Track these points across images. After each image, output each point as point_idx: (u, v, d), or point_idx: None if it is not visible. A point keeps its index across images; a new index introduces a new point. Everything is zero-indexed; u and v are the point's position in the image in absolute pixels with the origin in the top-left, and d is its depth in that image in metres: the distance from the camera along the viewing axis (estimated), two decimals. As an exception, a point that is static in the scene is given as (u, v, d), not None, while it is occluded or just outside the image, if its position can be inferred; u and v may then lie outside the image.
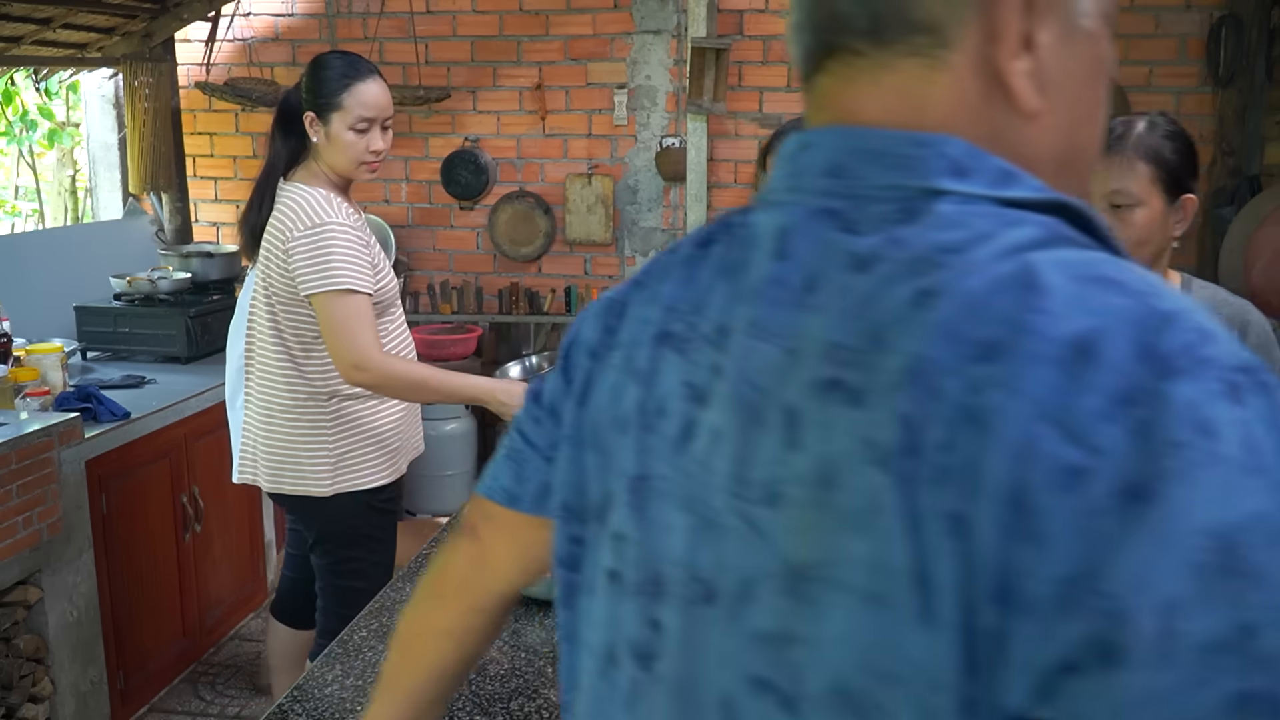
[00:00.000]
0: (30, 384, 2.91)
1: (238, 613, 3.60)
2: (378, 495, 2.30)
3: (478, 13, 4.78)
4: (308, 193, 2.18)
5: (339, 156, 2.19)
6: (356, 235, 2.17)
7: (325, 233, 2.13)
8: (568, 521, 0.73)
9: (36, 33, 3.96)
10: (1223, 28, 4.19)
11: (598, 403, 0.71)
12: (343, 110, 2.15)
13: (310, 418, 2.24)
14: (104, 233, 4.44)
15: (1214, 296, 1.71)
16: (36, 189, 6.21)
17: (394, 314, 2.34)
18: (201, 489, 3.31)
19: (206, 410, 3.32)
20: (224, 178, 5.17)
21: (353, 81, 2.15)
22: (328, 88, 2.16)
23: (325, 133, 2.17)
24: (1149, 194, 1.62)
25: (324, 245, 2.12)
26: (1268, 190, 3.94)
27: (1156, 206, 1.63)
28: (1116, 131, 1.66)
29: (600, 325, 0.73)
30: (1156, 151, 1.63)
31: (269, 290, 2.25)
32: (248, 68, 5.01)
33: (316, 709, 1.35)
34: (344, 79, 2.16)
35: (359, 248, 2.16)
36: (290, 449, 2.26)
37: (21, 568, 2.54)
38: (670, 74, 4.69)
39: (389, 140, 2.23)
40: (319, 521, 2.29)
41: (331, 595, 2.31)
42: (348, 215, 2.20)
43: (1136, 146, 1.63)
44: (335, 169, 2.22)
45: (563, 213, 4.83)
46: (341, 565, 2.30)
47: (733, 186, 4.75)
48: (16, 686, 2.53)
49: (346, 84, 2.15)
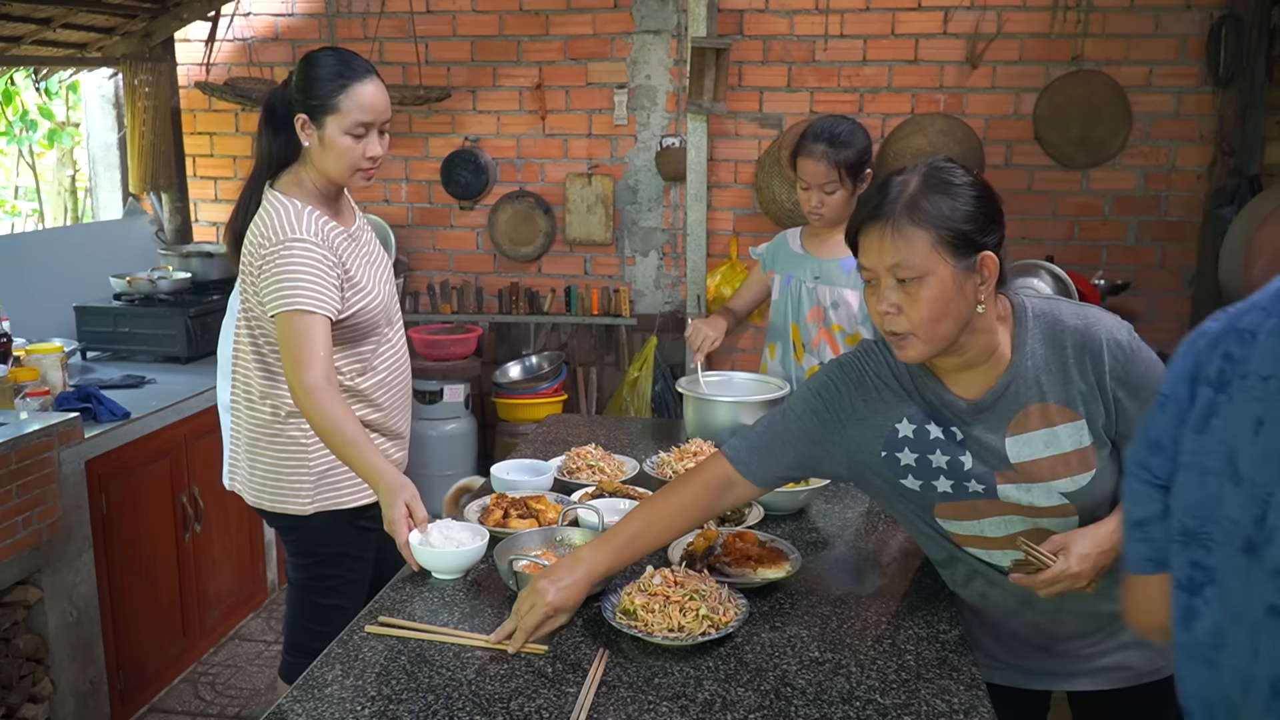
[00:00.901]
0: (30, 384, 2.91)
1: (238, 613, 3.61)
2: (360, 514, 2.18)
3: (478, 13, 4.78)
4: (283, 204, 2.02)
5: (332, 163, 2.02)
6: (321, 255, 1.99)
7: (288, 250, 1.97)
8: (1188, 546, 0.79)
9: (36, 32, 3.96)
10: (1223, 28, 4.19)
11: (1233, 430, 0.86)
12: (338, 113, 1.98)
13: (290, 434, 2.13)
14: (104, 233, 4.44)
15: (1054, 324, 1.50)
16: (36, 189, 6.21)
17: (383, 335, 2.18)
18: (201, 489, 3.31)
19: (206, 410, 3.32)
20: (224, 178, 5.17)
21: (349, 82, 1.98)
22: (321, 88, 1.98)
23: (319, 137, 2.00)
24: (931, 263, 1.40)
25: (285, 263, 1.96)
26: (1268, 190, 3.94)
27: (945, 275, 1.41)
28: (880, 183, 1.47)
29: (1219, 354, 0.89)
30: (932, 209, 1.41)
31: (245, 304, 2.12)
32: (248, 68, 5.01)
33: (316, 709, 1.35)
34: (339, 79, 1.98)
35: (322, 267, 1.98)
36: (272, 466, 2.16)
37: (21, 568, 2.54)
38: (670, 74, 4.69)
39: (386, 145, 2.06)
40: (298, 538, 2.20)
41: (302, 610, 2.22)
42: (323, 229, 2.03)
43: (907, 207, 1.41)
44: (328, 175, 2.05)
45: (563, 212, 4.83)
46: (318, 582, 2.20)
47: (733, 186, 4.75)
48: (16, 686, 2.53)
49: (342, 85, 1.98)
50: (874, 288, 1.47)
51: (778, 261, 2.77)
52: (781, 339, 2.73)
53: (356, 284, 2.08)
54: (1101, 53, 4.39)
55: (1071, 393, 1.49)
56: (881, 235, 1.43)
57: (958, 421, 1.54)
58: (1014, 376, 1.50)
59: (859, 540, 1.96)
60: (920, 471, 1.56)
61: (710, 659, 1.48)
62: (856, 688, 1.40)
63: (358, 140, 2.00)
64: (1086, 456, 1.49)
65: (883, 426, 1.58)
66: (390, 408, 2.24)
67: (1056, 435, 1.49)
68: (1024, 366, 1.50)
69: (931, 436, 1.55)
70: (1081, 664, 1.69)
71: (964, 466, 1.54)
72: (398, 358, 2.25)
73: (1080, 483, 1.50)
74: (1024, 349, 1.50)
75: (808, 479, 2.01)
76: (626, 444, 2.52)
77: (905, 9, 4.50)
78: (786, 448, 1.63)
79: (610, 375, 4.95)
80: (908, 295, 1.42)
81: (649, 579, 1.58)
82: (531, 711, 1.35)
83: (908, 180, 1.44)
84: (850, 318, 2.63)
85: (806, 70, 4.61)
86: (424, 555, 1.75)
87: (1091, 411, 1.48)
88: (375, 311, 2.13)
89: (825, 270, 2.65)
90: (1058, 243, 4.53)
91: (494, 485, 2.15)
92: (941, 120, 4.45)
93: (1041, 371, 1.50)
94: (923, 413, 1.56)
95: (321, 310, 1.96)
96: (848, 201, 2.56)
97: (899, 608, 1.66)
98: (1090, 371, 1.48)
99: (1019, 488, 1.52)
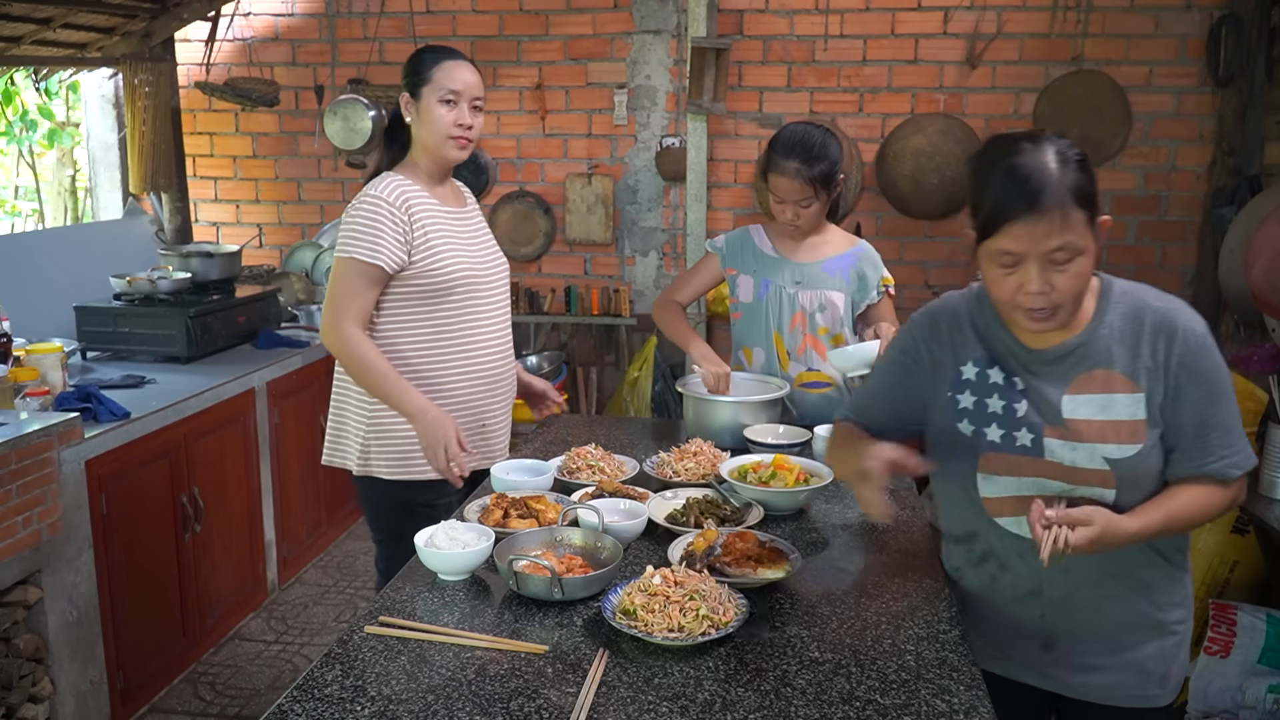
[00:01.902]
0: (30, 384, 2.91)
1: (238, 613, 3.61)
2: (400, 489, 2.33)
3: (478, 13, 4.78)
4: (380, 177, 2.31)
5: (428, 131, 2.29)
6: (387, 211, 2.23)
7: (358, 205, 2.26)
8: None
9: (36, 33, 3.96)
10: (1223, 28, 4.19)
11: None
12: (431, 84, 2.27)
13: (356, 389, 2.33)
14: (104, 233, 4.44)
15: (1137, 302, 1.58)
16: (36, 189, 6.21)
17: (464, 304, 2.34)
18: (201, 489, 3.31)
19: (206, 410, 3.32)
20: (224, 178, 5.17)
21: (441, 59, 2.30)
22: (420, 66, 2.30)
23: (417, 109, 2.30)
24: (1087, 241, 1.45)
25: (352, 216, 2.25)
26: (1268, 190, 3.94)
27: (1092, 250, 1.47)
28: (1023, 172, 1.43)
29: None
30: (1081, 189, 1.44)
31: None
32: (248, 68, 5.01)
33: (316, 709, 1.35)
34: (432, 57, 2.31)
35: (385, 223, 2.22)
36: (340, 419, 2.40)
37: (21, 568, 2.54)
38: (670, 74, 4.69)
39: (480, 123, 2.34)
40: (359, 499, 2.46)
41: None
42: (400, 193, 2.26)
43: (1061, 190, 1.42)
44: (426, 146, 2.31)
45: (563, 212, 4.83)
46: None
47: (733, 186, 4.76)
48: (16, 686, 2.53)
49: (436, 61, 2.29)
50: (1015, 270, 1.48)
51: (743, 260, 2.68)
52: (763, 346, 2.67)
53: (431, 248, 2.28)
54: (1101, 53, 4.39)
55: (1138, 366, 1.55)
56: (1048, 223, 1.43)
57: (1021, 370, 1.61)
58: (1088, 339, 1.56)
59: (859, 540, 1.96)
60: (975, 416, 1.64)
61: (710, 659, 1.48)
62: (856, 688, 1.41)
63: (449, 108, 2.28)
64: (1137, 429, 1.54)
65: (950, 368, 1.67)
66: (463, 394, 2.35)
67: (1114, 402, 1.55)
68: (1099, 333, 1.56)
69: (991, 381, 1.63)
70: (1078, 672, 1.69)
71: (1017, 414, 1.60)
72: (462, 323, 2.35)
73: (1126, 452, 1.54)
74: (1103, 318, 1.57)
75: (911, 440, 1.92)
76: (626, 444, 2.52)
77: (905, 9, 4.50)
78: (880, 402, 1.78)
79: (610, 375, 4.95)
80: (1061, 272, 1.46)
81: (649, 579, 1.59)
82: (531, 711, 1.35)
83: (1046, 163, 1.44)
84: (836, 319, 2.62)
85: (806, 70, 4.61)
86: (430, 557, 1.75)
87: (1152, 388, 1.54)
88: (449, 275, 2.30)
89: (807, 274, 2.62)
90: (1058, 243, 4.53)
91: (494, 485, 2.15)
92: (941, 120, 4.45)
93: (1115, 341, 1.56)
94: (988, 357, 1.64)
95: (363, 257, 2.21)
96: (822, 210, 2.56)
97: (899, 608, 1.66)
98: (1161, 350, 1.54)
99: (1066, 445, 1.57)
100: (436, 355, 2.32)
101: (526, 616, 1.61)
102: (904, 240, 4.69)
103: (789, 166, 2.47)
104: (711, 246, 2.76)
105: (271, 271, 4.80)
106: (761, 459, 2.15)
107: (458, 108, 2.28)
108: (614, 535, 1.82)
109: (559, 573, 1.63)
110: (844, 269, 2.63)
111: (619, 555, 1.72)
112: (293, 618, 3.70)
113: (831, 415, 2.64)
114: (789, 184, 2.49)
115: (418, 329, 2.30)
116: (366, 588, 3.91)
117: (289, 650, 3.48)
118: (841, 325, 2.61)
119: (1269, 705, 2.80)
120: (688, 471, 2.18)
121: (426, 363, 2.31)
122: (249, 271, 4.70)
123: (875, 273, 2.66)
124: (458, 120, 2.29)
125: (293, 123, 5.06)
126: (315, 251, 4.88)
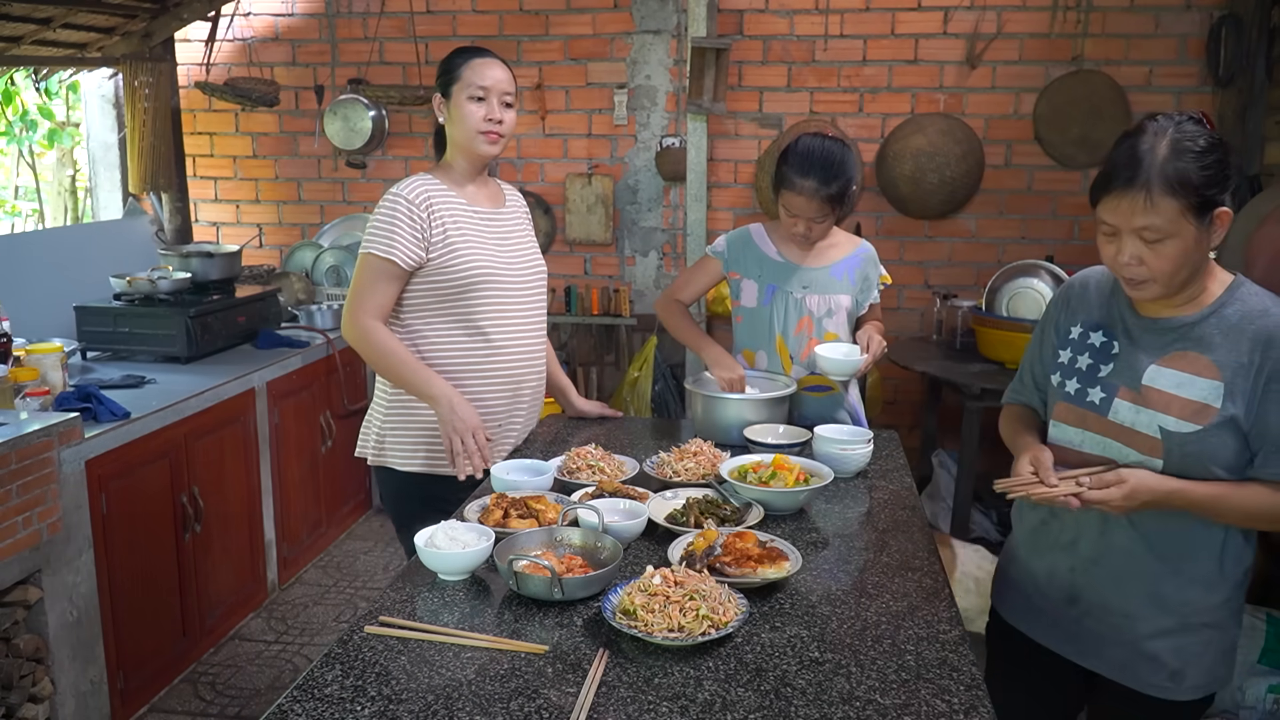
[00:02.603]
0: (30, 384, 2.91)
1: (238, 613, 3.61)
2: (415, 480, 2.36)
3: (478, 13, 4.78)
4: (411, 175, 2.37)
5: (459, 128, 2.32)
6: (407, 209, 2.27)
7: (382, 203, 2.31)
8: None
9: (36, 33, 3.96)
10: (1223, 28, 4.19)
11: None
12: (460, 82, 2.31)
13: None
14: (104, 233, 4.43)
15: (1258, 304, 1.60)
16: (36, 189, 6.21)
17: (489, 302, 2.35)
18: (201, 489, 3.31)
19: (206, 410, 3.32)
20: (224, 178, 5.17)
21: (472, 58, 2.33)
22: (450, 66, 2.34)
23: (448, 108, 2.34)
24: (1178, 226, 1.50)
25: (376, 214, 2.31)
26: (1268, 190, 3.94)
27: (1189, 235, 1.51)
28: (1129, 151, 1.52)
29: None
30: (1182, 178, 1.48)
31: None
32: (248, 68, 5.01)
33: (316, 709, 1.35)
34: (464, 58, 2.34)
35: (404, 221, 2.26)
36: (371, 412, 2.46)
37: (21, 568, 2.54)
38: (670, 74, 4.69)
39: (511, 119, 2.35)
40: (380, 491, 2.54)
41: None
42: (424, 191, 2.29)
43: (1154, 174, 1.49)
44: (459, 144, 2.35)
45: (563, 212, 4.83)
46: None
47: (733, 186, 4.76)
48: (16, 686, 2.53)
49: (466, 60, 2.33)
50: (1113, 239, 1.57)
51: (746, 264, 2.64)
52: (765, 349, 2.64)
53: (450, 245, 2.30)
54: (1101, 53, 4.39)
55: (1230, 360, 1.58)
56: (1134, 201, 1.50)
57: (1124, 336, 1.70)
58: (1197, 321, 1.62)
59: (859, 540, 1.96)
60: (1066, 370, 1.77)
61: (710, 659, 1.48)
62: (856, 688, 1.41)
63: (479, 104, 2.30)
64: (1202, 412, 1.58)
65: (1065, 327, 1.80)
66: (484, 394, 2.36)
67: (1194, 383, 1.60)
68: (1209, 320, 1.61)
69: (1090, 341, 1.74)
70: (1096, 642, 1.74)
71: (1099, 373, 1.71)
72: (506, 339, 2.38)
73: (1183, 428, 1.59)
74: (1220, 309, 1.61)
75: None
76: (626, 444, 2.52)
77: (905, 9, 4.50)
78: (1025, 375, 1.92)
79: (610, 375, 4.95)
80: (1152, 250, 1.53)
81: (649, 579, 1.58)
82: (531, 711, 1.35)
83: (1155, 146, 1.51)
84: (843, 323, 2.61)
85: (806, 70, 4.61)
86: (430, 557, 1.75)
87: (1236, 385, 1.57)
88: (469, 273, 2.31)
89: (816, 279, 2.59)
90: (1058, 242, 4.53)
91: (494, 485, 2.15)
92: (941, 120, 4.45)
93: (1221, 332, 1.60)
94: (1096, 321, 1.75)
95: (381, 253, 2.26)
96: (835, 223, 2.56)
97: (899, 608, 1.66)
98: (1259, 351, 1.57)
99: (1132, 408, 1.65)
100: (457, 352, 2.34)
101: (526, 616, 1.61)
102: (904, 240, 4.69)
103: (805, 185, 2.43)
104: (712, 252, 2.72)
105: (271, 271, 4.80)
106: (761, 459, 2.15)
107: (487, 103, 2.31)
108: (614, 535, 1.81)
109: (559, 573, 1.63)
110: (850, 271, 2.62)
111: (619, 555, 1.72)
112: (293, 618, 3.70)
113: (833, 416, 2.66)
114: (805, 203, 2.45)
115: (440, 326, 2.33)
116: (366, 588, 3.91)
117: (289, 650, 3.48)
118: (847, 328, 2.61)
119: (1269, 705, 2.80)
120: (688, 471, 2.18)
121: (447, 359, 2.33)
122: (249, 271, 4.70)
123: (876, 272, 2.66)
124: (487, 115, 2.31)
125: (293, 123, 5.06)
126: (315, 251, 4.88)
